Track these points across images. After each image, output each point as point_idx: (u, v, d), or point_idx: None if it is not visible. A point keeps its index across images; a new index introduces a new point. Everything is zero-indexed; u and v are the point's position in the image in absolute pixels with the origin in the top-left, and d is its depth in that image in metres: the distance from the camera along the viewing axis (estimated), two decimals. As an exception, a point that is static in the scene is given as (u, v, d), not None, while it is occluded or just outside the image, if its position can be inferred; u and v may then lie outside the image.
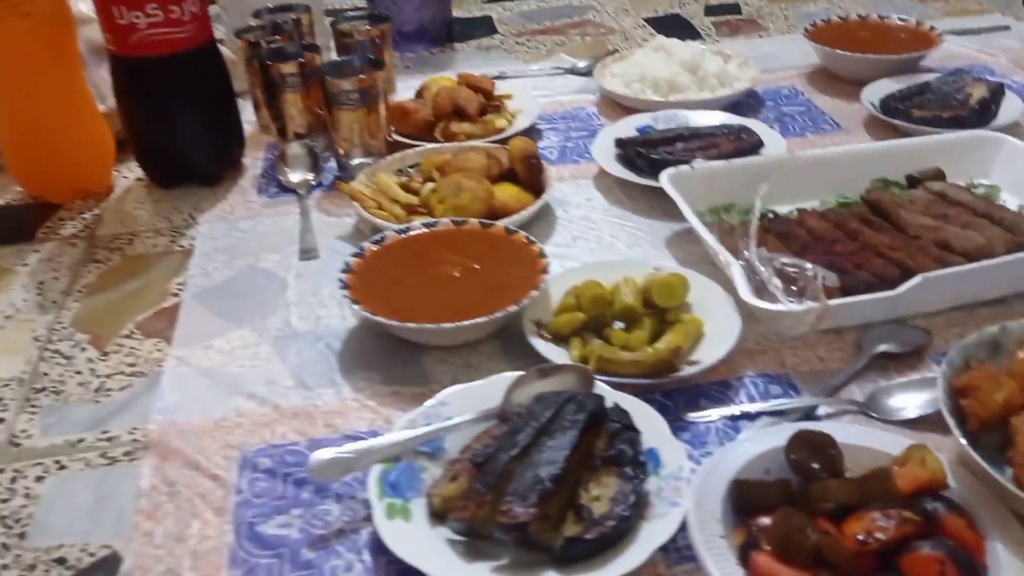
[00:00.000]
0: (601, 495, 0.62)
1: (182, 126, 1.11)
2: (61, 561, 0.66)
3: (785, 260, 0.81)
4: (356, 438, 0.74)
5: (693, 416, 0.74)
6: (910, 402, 0.73)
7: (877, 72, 1.27)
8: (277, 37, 1.23)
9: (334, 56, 1.30)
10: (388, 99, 1.15)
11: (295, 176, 1.13)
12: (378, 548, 0.64)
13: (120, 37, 1.04)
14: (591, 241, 1.00)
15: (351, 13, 1.34)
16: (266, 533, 0.66)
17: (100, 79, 1.19)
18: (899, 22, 1.40)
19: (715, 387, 0.77)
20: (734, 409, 0.74)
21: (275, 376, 0.82)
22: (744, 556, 0.59)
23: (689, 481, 0.63)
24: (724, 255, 0.83)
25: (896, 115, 1.16)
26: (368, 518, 0.67)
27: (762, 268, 0.81)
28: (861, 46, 1.31)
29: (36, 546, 0.67)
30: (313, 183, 1.13)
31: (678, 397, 0.76)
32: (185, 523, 0.68)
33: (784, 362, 0.80)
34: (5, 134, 1.12)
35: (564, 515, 0.62)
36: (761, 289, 0.81)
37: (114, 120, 1.16)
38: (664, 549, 0.62)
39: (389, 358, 0.83)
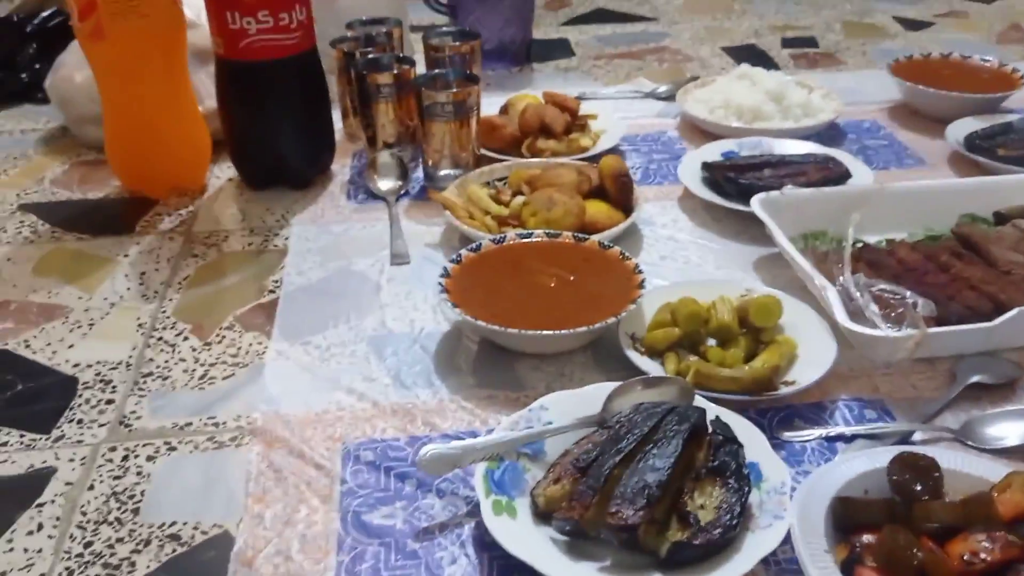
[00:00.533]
0: (706, 504, 0.64)
1: (280, 130, 1.15)
2: (175, 537, 0.68)
3: (884, 286, 0.82)
4: (455, 437, 0.76)
5: (788, 435, 0.75)
6: (1007, 431, 0.74)
7: (960, 110, 1.27)
8: (370, 48, 1.27)
9: (423, 70, 1.33)
10: (479, 114, 1.17)
11: (384, 184, 1.17)
12: (481, 544, 0.66)
13: (230, 41, 1.08)
14: (678, 261, 1.02)
15: (443, 29, 1.37)
16: (372, 522, 0.69)
17: (200, 81, 1.24)
18: (982, 63, 1.40)
19: (809, 408, 0.78)
20: (830, 430, 0.75)
21: (373, 374, 0.85)
22: (848, 571, 0.60)
23: (791, 495, 0.65)
24: (819, 279, 0.84)
25: (981, 153, 1.17)
26: (470, 514, 0.69)
27: (858, 294, 0.82)
28: (944, 84, 1.32)
29: (150, 522, 0.70)
30: (401, 191, 1.16)
31: (772, 416, 0.77)
32: (293, 508, 0.70)
33: (878, 388, 0.81)
34: (110, 129, 1.17)
35: (669, 521, 0.64)
36: (857, 314, 0.81)
37: (212, 121, 1.21)
38: (765, 561, 0.63)
39: (483, 363, 0.85)
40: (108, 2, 1.03)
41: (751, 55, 1.64)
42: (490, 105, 1.35)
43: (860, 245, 0.96)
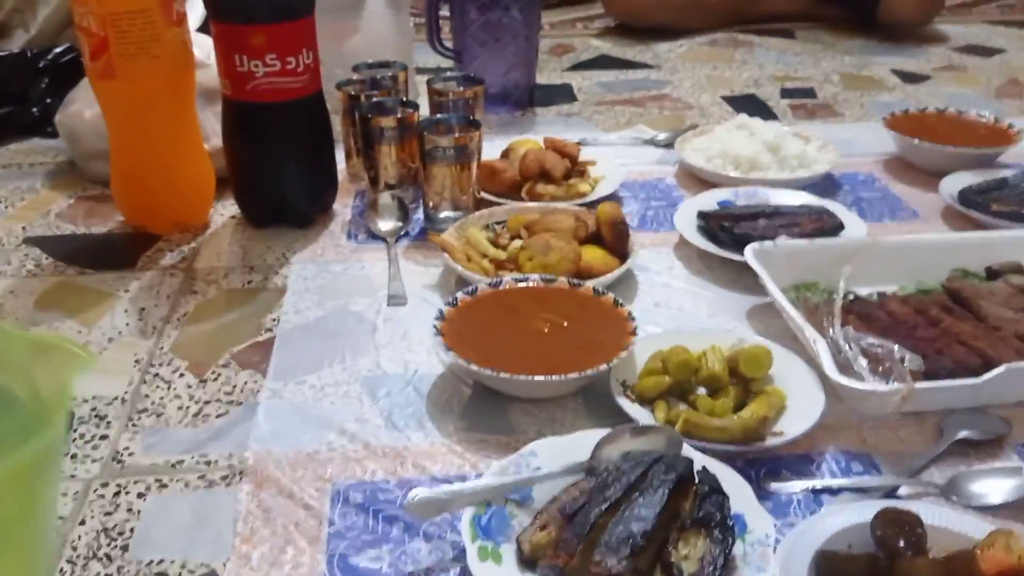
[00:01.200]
0: (690, 554, 0.64)
1: (284, 170, 1.17)
2: (162, 575, 0.69)
3: (872, 340, 0.82)
4: (445, 481, 0.76)
5: (775, 486, 0.76)
6: (992, 488, 0.74)
7: (954, 164, 1.29)
8: (375, 92, 1.29)
9: (426, 112, 1.36)
10: (480, 159, 1.19)
11: (384, 224, 1.18)
12: (466, 589, 0.67)
13: (237, 83, 1.10)
14: (672, 308, 1.03)
15: (447, 74, 1.40)
16: (358, 565, 0.69)
17: (206, 120, 1.26)
18: (977, 117, 1.42)
19: (797, 459, 0.79)
20: (816, 483, 0.76)
21: (365, 415, 0.85)
22: (831, 627, 0.60)
23: (775, 548, 0.65)
24: (809, 331, 0.85)
25: (975, 207, 1.18)
26: (455, 559, 0.69)
27: (847, 347, 0.83)
28: (939, 138, 1.34)
29: (139, 558, 0.70)
30: (401, 232, 1.17)
31: (760, 466, 0.78)
32: (280, 549, 0.70)
33: (865, 440, 0.81)
34: (116, 165, 1.19)
35: (653, 571, 0.64)
36: (846, 367, 0.82)
37: (216, 159, 1.23)
38: (748, 614, 0.64)
39: (476, 407, 0.86)
40: (120, 43, 1.06)
41: (750, 104, 1.66)
42: (492, 148, 1.37)
43: (851, 298, 0.97)
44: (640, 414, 0.81)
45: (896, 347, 0.82)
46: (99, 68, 1.08)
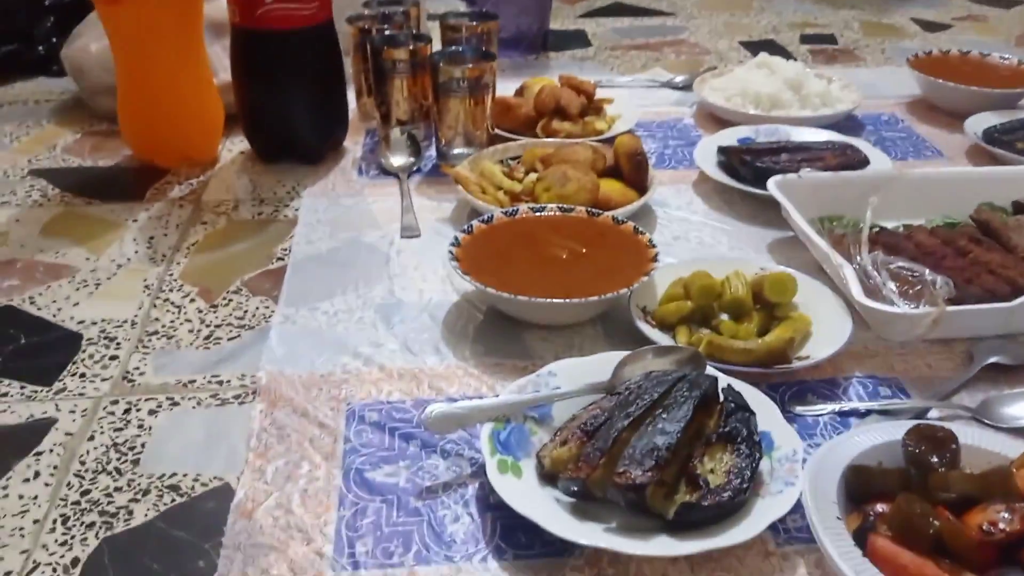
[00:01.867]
0: (716, 468, 0.62)
1: (293, 102, 1.14)
2: (174, 488, 0.67)
3: (902, 264, 0.80)
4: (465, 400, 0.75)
5: (801, 409, 0.74)
6: (1026, 412, 0.72)
7: (978, 105, 1.26)
8: (386, 27, 1.26)
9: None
10: (494, 93, 1.17)
11: (397, 160, 1.16)
12: (485, 504, 0.65)
13: (246, 9, 1.07)
14: (692, 242, 1.00)
15: (459, 10, 1.37)
16: (375, 480, 0.67)
17: (215, 55, 1.23)
18: (1001, 60, 1.39)
19: (822, 384, 0.77)
20: (843, 405, 0.74)
21: (380, 340, 0.84)
22: (861, 539, 0.58)
23: (803, 463, 0.63)
24: (836, 258, 0.83)
25: (1000, 146, 1.15)
26: (474, 475, 0.68)
27: (875, 273, 0.81)
28: (962, 79, 1.31)
29: (150, 472, 0.69)
30: (413, 168, 1.15)
31: (785, 390, 0.76)
32: (295, 464, 0.69)
33: (893, 367, 0.79)
34: (123, 98, 1.16)
35: (677, 485, 0.62)
36: (874, 293, 0.80)
37: (226, 95, 1.20)
38: (774, 528, 0.62)
39: (492, 333, 0.84)
40: (126, -34, 1.03)
41: (770, 49, 1.62)
42: (506, 90, 1.34)
43: (877, 229, 0.95)
44: (661, 339, 0.79)
45: (927, 270, 0.79)
46: (105, -7, 1.06)
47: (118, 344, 0.83)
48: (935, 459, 0.63)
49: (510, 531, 0.63)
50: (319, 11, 1.10)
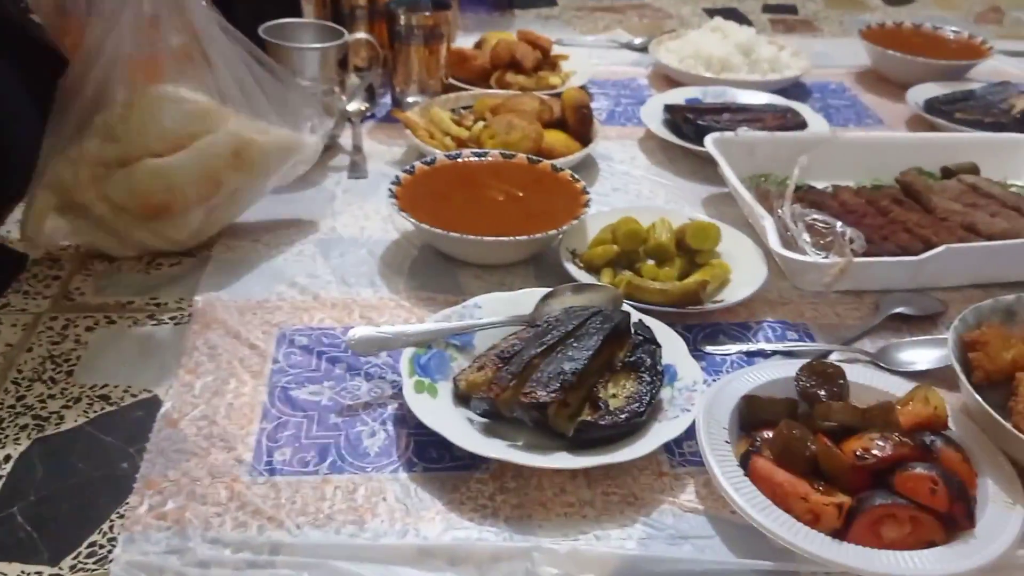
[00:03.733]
0: (618, 393, 0.66)
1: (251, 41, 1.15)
2: (104, 397, 0.70)
3: (816, 216, 0.84)
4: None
5: (711, 348, 0.78)
6: (920, 357, 0.76)
7: (924, 76, 1.29)
8: (348, -27, 1.28)
9: None
10: (450, 43, 1.19)
11: (351, 105, 1.18)
12: (401, 422, 0.69)
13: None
14: (630, 194, 1.04)
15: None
16: (298, 397, 0.71)
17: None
18: (951, 33, 1.42)
19: (735, 327, 0.81)
20: (750, 346, 0.78)
21: (317, 271, 0.86)
22: (746, 462, 0.62)
23: (702, 393, 0.67)
24: (758, 210, 0.87)
25: (939, 116, 1.19)
26: (394, 396, 0.71)
27: (793, 224, 0.85)
28: (911, 50, 1.34)
29: (82, 383, 0.71)
30: (367, 113, 1.17)
31: (699, 331, 0.80)
32: (223, 380, 0.72)
33: (803, 314, 0.83)
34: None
35: (581, 408, 0.66)
36: (791, 244, 0.84)
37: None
38: (671, 451, 0.66)
39: (427, 269, 0.87)
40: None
41: (731, 17, 1.64)
42: (467, 43, 1.36)
43: (806, 188, 0.98)
44: (587, 279, 0.82)
45: (839, 223, 0.83)
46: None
47: (61, 266, 0.86)
48: (823, 392, 0.67)
49: (423, 447, 0.66)
50: (277, -47, 1.11)
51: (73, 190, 0.80)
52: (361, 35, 1.10)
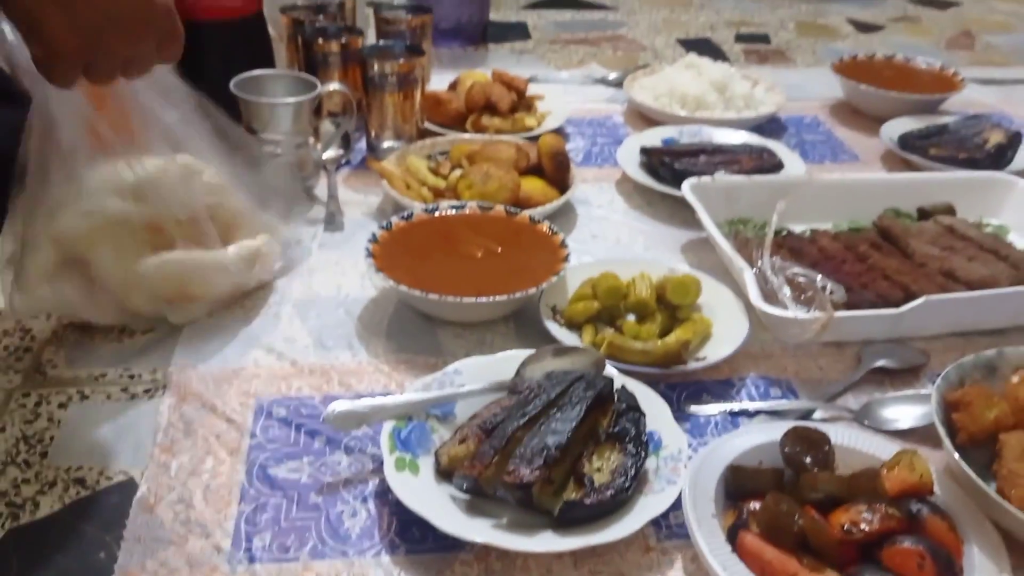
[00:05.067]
0: (603, 467, 0.65)
1: (221, 93, 1.14)
2: (80, 481, 0.68)
3: (796, 270, 0.84)
4: (369, 397, 0.77)
5: (694, 408, 0.77)
6: (903, 414, 0.76)
7: (898, 109, 1.30)
8: (320, 17, 1.27)
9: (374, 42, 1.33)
10: (424, 88, 1.18)
11: (327, 154, 1.16)
12: (383, 499, 0.67)
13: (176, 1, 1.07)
14: (609, 240, 1.03)
15: (395, 3, 1.37)
16: (277, 475, 0.69)
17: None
18: (924, 65, 1.43)
19: (718, 384, 0.80)
20: (734, 405, 0.77)
21: (295, 335, 0.85)
22: (733, 536, 0.61)
23: (687, 463, 0.66)
24: (738, 262, 0.86)
25: (913, 151, 1.20)
26: (375, 471, 0.70)
27: (773, 277, 0.84)
28: (884, 84, 1.35)
29: (57, 465, 0.70)
30: (342, 161, 1.16)
31: (682, 390, 0.79)
32: (200, 459, 0.70)
33: (786, 368, 0.83)
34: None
35: (566, 483, 0.65)
36: (771, 297, 0.84)
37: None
38: (657, 524, 0.65)
39: (406, 329, 0.86)
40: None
41: (704, 48, 1.66)
42: (441, 82, 1.36)
43: (785, 233, 0.98)
44: (568, 338, 0.82)
45: (819, 277, 0.83)
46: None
47: (33, 337, 0.84)
48: (808, 460, 0.66)
49: (405, 526, 0.65)
50: (247, 3, 1.11)
51: (81, 244, 0.79)
52: (335, 86, 1.09)
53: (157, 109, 0.82)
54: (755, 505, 0.63)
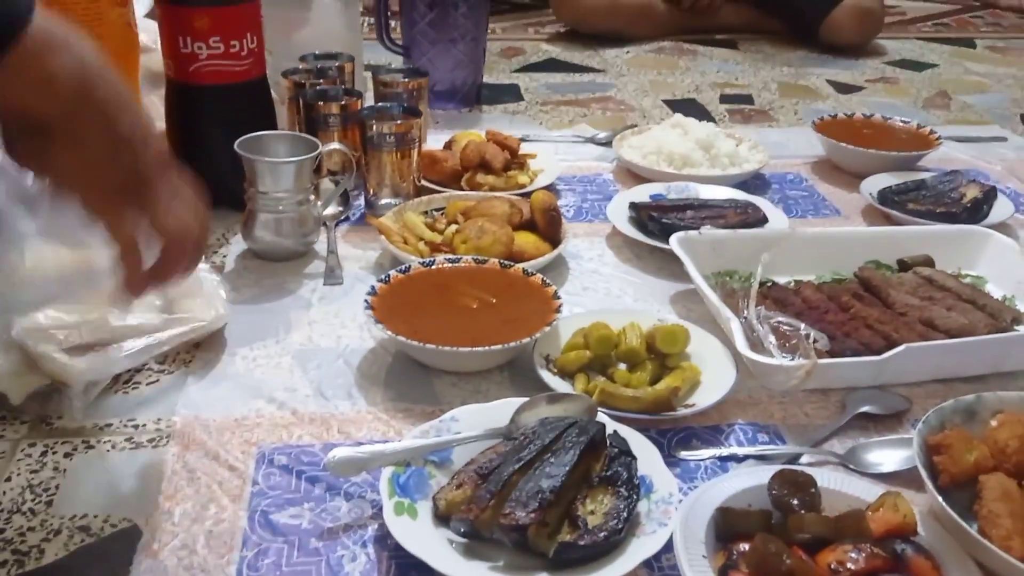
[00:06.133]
0: (596, 510, 0.67)
1: (225, 152, 1.18)
2: (84, 529, 0.70)
3: (781, 319, 0.87)
4: (369, 444, 0.79)
5: (684, 454, 0.79)
6: (887, 458, 0.79)
7: (876, 167, 1.35)
8: (321, 81, 1.32)
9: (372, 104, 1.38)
10: (421, 147, 1.22)
11: (327, 210, 1.20)
12: (382, 544, 0.69)
13: (180, 64, 1.12)
14: (600, 292, 1.06)
15: (393, 67, 1.43)
16: (278, 521, 0.71)
17: (151, 104, 1.27)
18: (901, 124, 1.49)
19: (707, 431, 0.83)
20: (723, 451, 0.80)
21: (295, 384, 0.88)
22: (723, 576, 0.63)
23: (677, 506, 0.68)
24: (725, 312, 0.89)
25: (892, 206, 1.24)
26: (374, 517, 0.72)
27: (759, 326, 0.87)
28: (863, 142, 1.40)
29: (62, 514, 0.71)
30: (342, 217, 1.20)
31: (672, 436, 0.82)
32: (203, 506, 0.72)
33: (772, 414, 0.85)
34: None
35: (561, 526, 0.67)
36: (757, 345, 0.86)
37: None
38: (649, 566, 0.67)
39: (403, 378, 0.89)
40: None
41: (690, 108, 1.71)
42: (438, 142, 1.40)
43: (770, 284, 1.02)
44: (561, 386, 0.84)
45: (803, 326, 0.86)
46: (42, 46, 1.09)
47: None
48: (795, 502, 0.68)
49: (404, 570, 0.67)
50: (252, 67, 1.15)
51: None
52: (335, 145, 1.13)
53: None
54: (744, 546, 0.65)
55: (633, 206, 1.18)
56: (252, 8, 1.13)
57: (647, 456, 0.73)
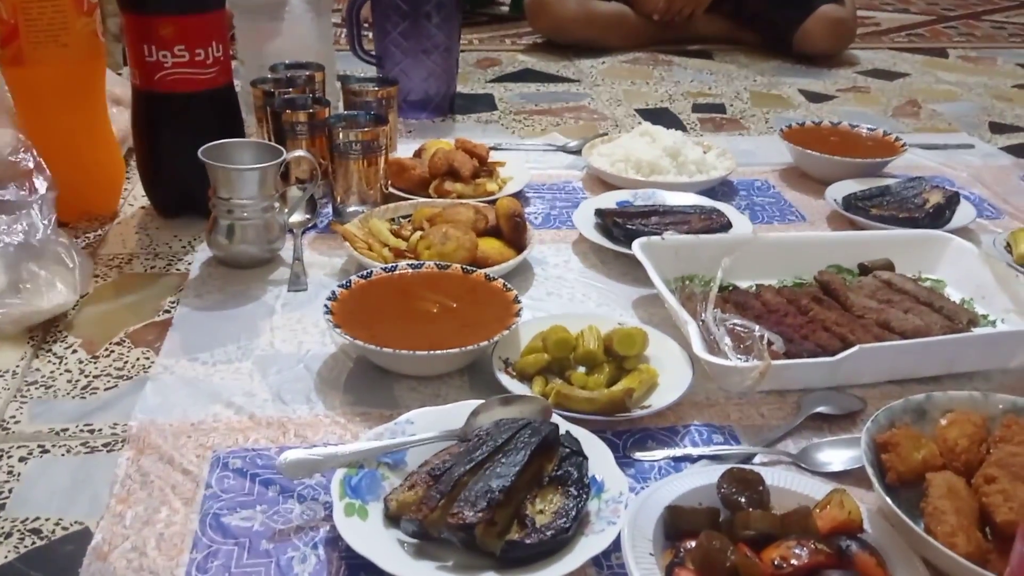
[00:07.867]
0: (545, 509, 0.68)
1: (191, 160, 1.18)
2: (35, 531, 0.70)
3: (736, 321, 0.87)
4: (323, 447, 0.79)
5: (639, 455, 0.80)
6: (837, 457, 0.79)
7: (842, 173, 1.36)
8: (290, 90, 1.32)
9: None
10: (388, 155, 1.23)
11: (293, 217, 1.20)
12: (333, 545, 0.69)
13: (146, 73, 1.12)
14: (563, 297, 1.07)
15: (363, 76, 1.44)
16: (230, 524, 0.71)
17: (121, 113, 1.28)
18: (867, 131, 1.50)
19: (663, 432, 0.83)
20: (677, 451, 0.80)
21: (254, 389, 0.88)
22: (669, 573, 0.64)
23: (627, 505, 0.69)
24: (683, 314, 0.90)
25: (856, 212, 1.25)
26: (326, 519, 0.72)
27: (715, 328, 0.88)
28: (830, 149, 1.41)
29: (14, 517, 0.71)
30: (308, 225, 1.20)
31: (628, 437, 0.82)
32: (154, 509, 0.72)
33: (728, 415, 0.86)
34: (25, 153, 1.19)
35: (510, 526, 0.67)
36: (713, 347, 0.87)
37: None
38: (598, 564, 0.68)
39: (363, 383, 0.89)
40: (29, 31, 1.08)
41: (663, 117, 1.73)
42: (409, 151, 1.41)
43: (731, 288, 1.02)
44: (519, 389, 0.84)
45: (758, 328, 0.87)
46: (9, 55, 1.10)
47: (-5, 393, 0.86)
48: (743, 499, 0.69)
49: (354, 570, 0.67)
50: (218, 76, 1.15)
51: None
52: (300, 153, 1.13)
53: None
54: (691, 544, 0.65)
55: (599, 212, 1.19)
56: (217, 17, 1.14)
57: (599, 456, 0.74)
